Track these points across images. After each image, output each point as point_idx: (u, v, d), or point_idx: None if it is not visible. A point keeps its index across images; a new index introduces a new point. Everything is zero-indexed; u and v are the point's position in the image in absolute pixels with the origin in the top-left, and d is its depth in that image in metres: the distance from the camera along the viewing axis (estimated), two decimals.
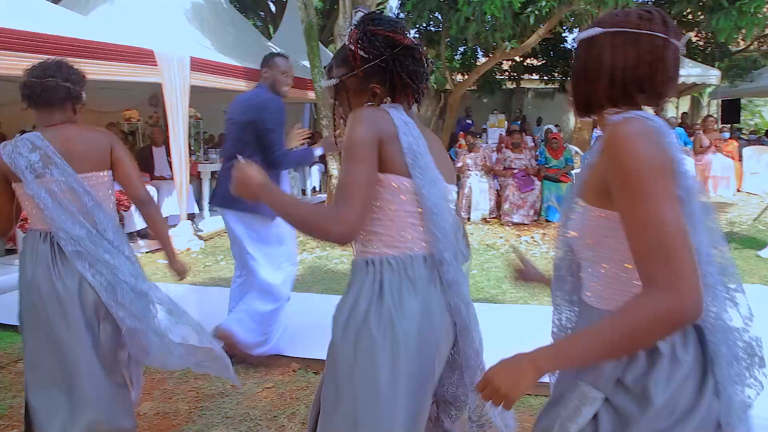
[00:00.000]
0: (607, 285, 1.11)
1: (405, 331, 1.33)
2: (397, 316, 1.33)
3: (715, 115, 13.57)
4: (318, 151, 3.32)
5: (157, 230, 2.35)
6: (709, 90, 15.10)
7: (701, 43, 14.29)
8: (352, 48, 1.40)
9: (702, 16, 9.09)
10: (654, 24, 1.09)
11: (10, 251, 5.44)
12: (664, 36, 1.08)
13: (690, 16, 12.50)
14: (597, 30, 1.12)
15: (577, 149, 9.07)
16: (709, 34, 12.79)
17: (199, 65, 6.29)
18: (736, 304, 1.09)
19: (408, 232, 1.38)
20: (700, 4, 8.36)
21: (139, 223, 6.09)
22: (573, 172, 7.81)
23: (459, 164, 8.02)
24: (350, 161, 1.31)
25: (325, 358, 1.45)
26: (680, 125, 10.84)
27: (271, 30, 15.57)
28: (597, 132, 10.77)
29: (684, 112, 13.80)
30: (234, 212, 3.12)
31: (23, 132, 6.81)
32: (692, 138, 9.76)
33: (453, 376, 1.56)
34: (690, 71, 10.51)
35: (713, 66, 12.04)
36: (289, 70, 3.24)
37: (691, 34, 14.15)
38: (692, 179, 1.04)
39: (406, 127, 1.38)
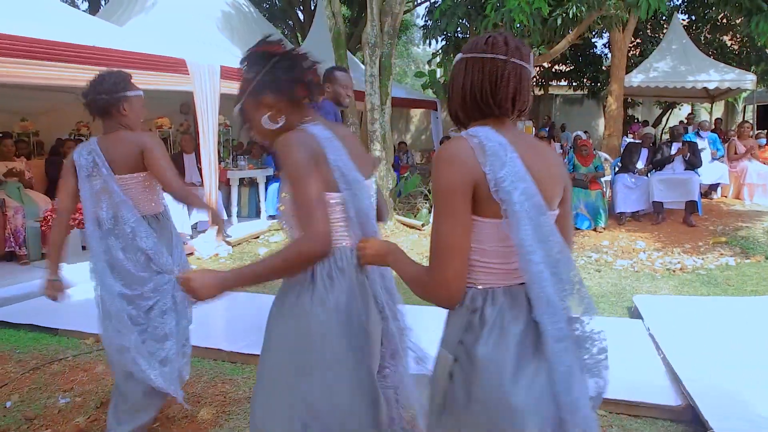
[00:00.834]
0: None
1: (336, 303, 1.50)
2: (329, 293, 1.51)
3: (751, 121, 13.16)
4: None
5: (206, 206, 2.74)
6: (744, 95, 14.70)
7: (736, 46, 13.94)
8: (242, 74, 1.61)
9: (738, 20, 8.86)
10: (496, 48, 1.26)
11: (46, 255, 5.59)
12: (504, 57, 1.25)
13: (725, 20, 12.23)
14: (459, 55, 1.32)
15: (607, 156, 8.93)
16: (745, 37, 12.48)
17: (228, 74, 6.39)
18: (573, 293, 1.26)
19: (336, 230, 1.55)
20: (738, 6, 8.15)
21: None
22: (603, 179, 7.68)
23: None
24: (300, 182, 1.45)
25: None
26: (714, 131, 10.56)
27: (300, 38, 15.74)
28: (627, 138, 10.59)
29: (718, 118, 13.45)
30: None
31: (59, 139, 6.97)
32: (726, 144, 9.50)
33: (389, 362, 1.72)
34: (724, 76, 10.25)
35: (749, 70, 11.72)
36: (349, 83, 3.46)
37: (726, 38, 13.84)
38: (521, 183, 1.20)
39: (330, 144, 1.53)
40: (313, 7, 15.17)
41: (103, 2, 15.64)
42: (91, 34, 5.21)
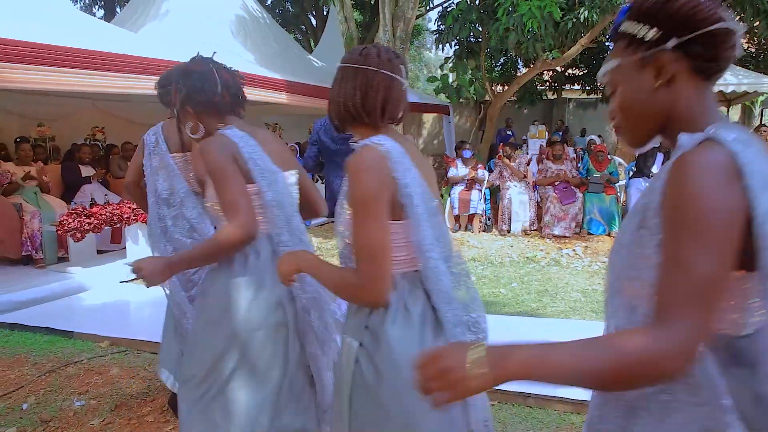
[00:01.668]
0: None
1: (247, 282, 1.72)
2: (240, 273, 1.73)
3: None
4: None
5: None
6: (761, 98, 14.53)
7: (753, 50, 13.80)
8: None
9: (756, 23, 8.77)
10: (369, 59, 1.35)
11: (62, 259, 5.67)
12: (374, 69, 1.34)
13: (741, 23, 12.11)
14: (339, 65, 1.40)
15: (621, 160, 8.87)
16: (762, 40, 12.36)
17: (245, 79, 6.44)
18: (461, 285, 1.40)
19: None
20: (755, 9, 8.08)
21: None
22: (618, 184, 7.63)
23: (492, 175, 7.96)
24: (224, 179, 1.68)
25: None
26: None
27: (312, 43, 15.84)
28: None
29: (735, 122, 13.31)
30: None
31: (74, 144, 7.08)
32: None
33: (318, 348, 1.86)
34: (741, 79, 10.14)
35: (766, 74, 11.59)
36: None
37: (743, 41, 13.70)
38: (418, 188, 1.31)
39: (244, 141, 1.75)
40: (325, 13, 15.25)
41: (118, 9, 15.87)
42: (106, 41, 5.29)
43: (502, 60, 13.63)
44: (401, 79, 1.39)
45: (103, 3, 18.15)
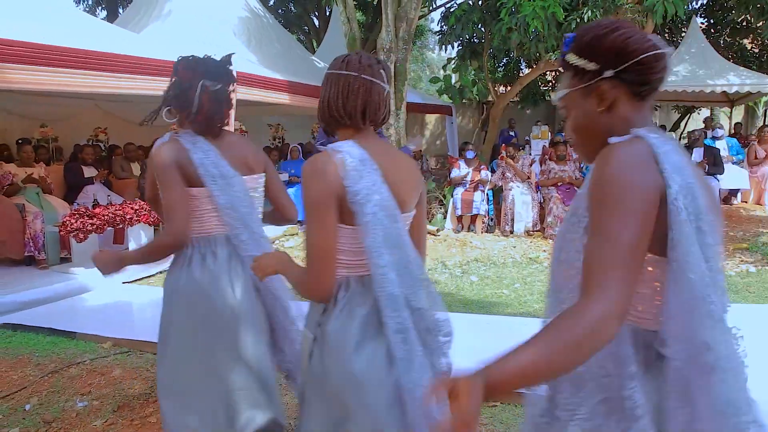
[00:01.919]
0: None
1: (186, 282, 1.87)
2: (182, 273, 1.88)
3: None
4: (412, 146, 3.81)
5: None
6: (765, 99, 14.49)
7: (756, 50, 13.76)
8: None
9: (759, 23, 8.75)
10: (350, 65, 1.43)
11: (65, 259, 5.68)
12: (355, 74, 1.42)
13: (745, 23, 12.08)
14: (325, 72, 1.49)
15: None
16: (766, 40, 12.32)
17: (244, 79, 6.45)
18: (422, 289, 1.45)
19: (210, 221, 1.90)
20: (759, 9, 8.05)
21: None
22: None
23: (495, 176, 7.95)
24: (164, 185, 1.81)
25: None
26: (734, 136, 10.42)
27: (315, 44, 15.85)
28: None
29: (738, 123, 13.27)
30: None
31: (77, 145, 7.07)
32: (746, 149, 9.37)
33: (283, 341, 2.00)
34: (744, 80, 10.11)
35: None
36: None
37: (746, 41, 13.66)
38: (375, 195, 1.36)
39: (195, 146, 1.86)
40: (328, 13, 15.26)
41: (120, 10, 15.90)
42: (109, 42, 5.30)
43: (504, 60, 13.62)
44: (382, 84, 1.46)
45: (105, 4, 18.18)
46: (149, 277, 5.45)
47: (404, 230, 1.45)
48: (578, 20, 8.11)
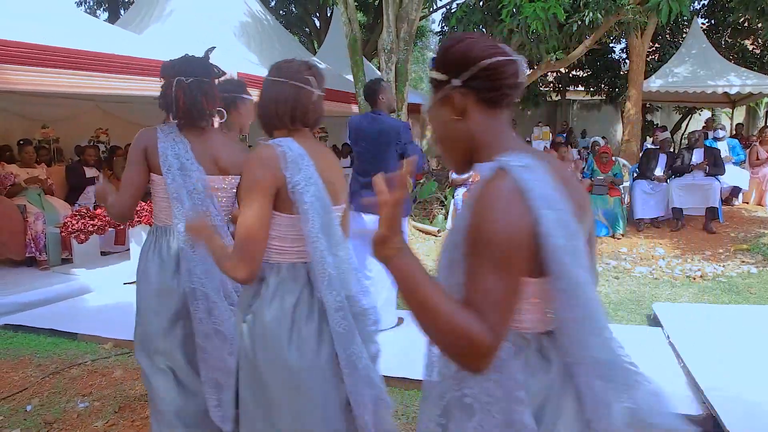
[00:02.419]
0: None
1: (144, 269, 2.12)
2: (141, 261, 2.14)
3: None
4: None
5: None
6: (766, 100, 14.49)
7: (758, 51, 13.75)
8: None
9: (760, 24, 8.75)
10: (281, 72, 1.59)
11: (66, 260, 5.68)
12: (285, 80, 1.58)
13: (746, 24, 12.08)
14: (264, 77, 1.63)
15: (625, 162, 8.84)
16: (767, 42, 12.31)
17: (245, 80, 6.45)
18: (351, 274, 1.59)
19: (162, 210, 2.09)
20: (759, 10, 8.05)
21: None
22: (622, 185, 7.61)
23: None
24: (126, 163, 2.05)
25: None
26: (735, 137, 10.41)
27: (316, 45, 15.86)
28: (647, 144, 10.49)
29: (739, 123, 13.26)
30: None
31: (78, 146, 7.07)
32: (748, 150, 9.36)
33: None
34: (745, 80, 10.11)
35: None
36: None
37: (747, 42, 13.66)
38: (312, 187, 1.51)
39: (166, 136, 2.02)
40: (329, 14, 15.28)
41: (122, 11, 15.92)
42: (110, 43, 5.31)
43: None
44: (310, 89, 1.60)
45: (107, 5, 18.20)
46: None
47: (337, 221, 1.60)
48: (579, 22, 8.12)
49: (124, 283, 5.22)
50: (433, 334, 0.96)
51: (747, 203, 8.94)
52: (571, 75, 15.52)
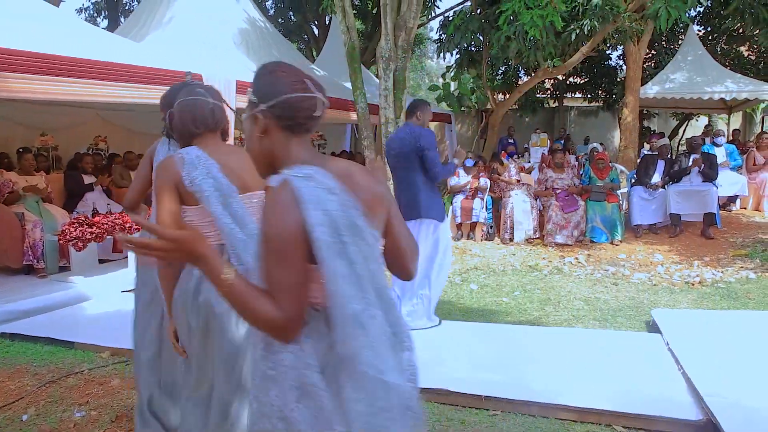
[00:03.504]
0: None
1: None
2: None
3: None
4: (457, 162, 4.35)
5: None
6: (762, 105, 14.52)
7: (753, 57, 13.80)
8: None
9: (756, 31, 8.79)
10: (179, 93, 2.05)
11: (64, 268, 5.66)
12: (181, 99, 2.03)
13: (741, 31, 12.13)
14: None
15: (623, 168, 8.85)
16: (762, 48, 12.36)
17: (244, 88, 6.43)
18: (252, 248, 1.79)
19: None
20: (755, 17, 8.09)
21: None
22: (620, 191, 7.61)
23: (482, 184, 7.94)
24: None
25: None
26: (732, 142, 10.43)
27: (314, 53, 15.89)
28: (645, 150, 10.51)
29: (736, 129, 13.29)
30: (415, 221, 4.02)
31: (77, 153, 7.04)
32: (745, 155, 9.37)
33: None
34: (742, 87, 10.14)
35: (767, 81, 11.59)
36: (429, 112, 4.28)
37: (743, 49, 13.71)
38: (210, 179, 1.86)
39: (161, 144, 2.45)
40: (327, 22, 15.33)
41: (122, 19, 15.96)
42: (110, 51, 5.30)
43: (503, 68, 13.66)
44: (203, 98, 1.99)
45: (107, 13, 18.25)
46: None
47: (242, 204, 1.89)
48: (577, 30, 8.15)
49: (122, 291, 5.19)
50: (248, 320, 1.21)
51: (745, 209, 8.94)
52: (568, 82, 15.55)
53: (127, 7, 17.93)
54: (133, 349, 2.68)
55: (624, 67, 12.65)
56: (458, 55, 11.16)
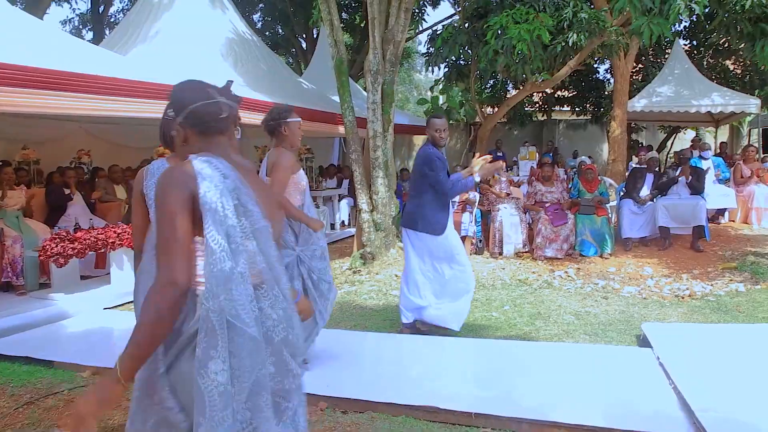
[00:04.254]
0: None
1: None
2: None
3: (756, 145, 13.15)
4: (476, 178, 4.26)
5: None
6: (748, 119, 14.77)
7: (739, 71, 14.06)
8: None
9: (741, 45, 8.96)
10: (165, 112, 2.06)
11: (44, 285, 5.58)
12: (162, 117, 2.05)
13: (727, 45, 12.37)
14: None
15: (612, 181, 8.93)
16: (748, 61, 12.60)
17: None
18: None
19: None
20: (739, 32, 8.25)
21: None
22: (609, 204, 7.66)
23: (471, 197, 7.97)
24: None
25: (355, 397, 1.90)
26: (719, 155, 10.59)
27: (302, 66, 15.96)
28: (633, 163, 10.63)
29: (723, 142, 13.49)
30: (412, 231, 4.26)
31: (60, 167, 6.96)
32: (732, 168, 9.51)
33: None
34: (728, 100, 10.32)
35: (753, 94, 11.79)
36: (442, 126, 4.31)
37: (729, 63, 13.97)
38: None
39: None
40: (315, 36, 15.41)
41: (107, 32, 15.94)
42: (95, 64, 5.28)
43: (491, 82, 13.79)
44: (168, 118, 2.00)
45: (92, 26, 18.22)
46: (131, 302, 5.36)
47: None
48: (564, 43, 8.26)
49: (105, 308, 5.13)
50: (155, 322, 1.34)
51: (733, 221, 9.05)
52: (556, 95, 15.74)
53: (112, 20, 17.93)
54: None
55: (612, 81, 12.82)
56: (446, 69, 11.26)
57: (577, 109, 15.68)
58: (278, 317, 1.49)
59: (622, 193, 7.99)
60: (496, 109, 12.73)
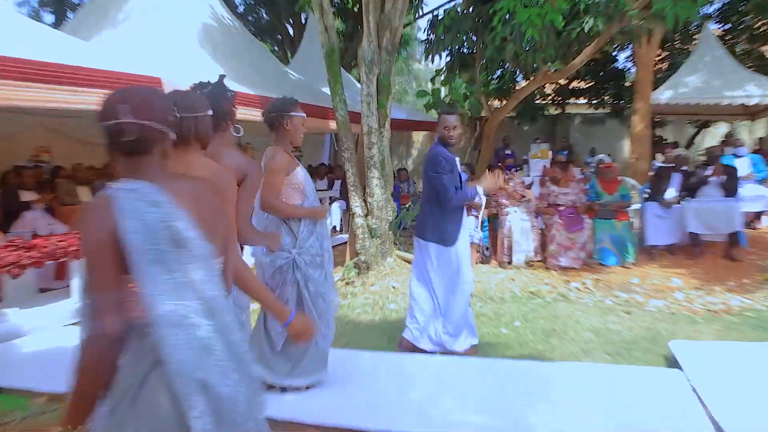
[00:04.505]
0: None
1: None
2: None
3: None
4: (479, 190, 4.34)
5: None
6: None
7: None
8: None
9: None
10: None
11: None
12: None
13: (764, 29, 12.39)
14: None
15: (634, 182, 8.91)
16: None
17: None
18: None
19: None
20: None
21: None
22: (631, 208, 7.65)
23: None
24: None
25: (347, 425, 2.07)
26: (757, 152, 10.59)
27: (289, 54, 15.97)
28: (657, 162, 10.63)
29: (761, 137, 13.51)
30: (423, 241, 4.30)
31: (16, 167, 6.91)
32: None
33: None
34: (765, 90, 10.29)
35: None
36: (452, 123, 4.29)
37: (766, 48, 13.99)
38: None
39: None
40: (304, 21, 15.43)
41: (70, 15, 15.92)
42: (55, 50, 5.25)
43: (498, 72, 13.79)
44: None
45: (53, 8, 18.19)
46: None
47: None
48: (579, 29, 8.26)
49: (65, 325, 5.07)
50: (93, 383, 1.51)
51: None
52: (571, 87, 15.77)
53: (76, 2, 17.91)
54: None
55: (633, 70, 12.84)
56: (449, 58, 11.25)
57: (594, 101, 15.69)
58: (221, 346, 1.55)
59: (645, 196, 7.98)
60: (504, 102, 12.72)
